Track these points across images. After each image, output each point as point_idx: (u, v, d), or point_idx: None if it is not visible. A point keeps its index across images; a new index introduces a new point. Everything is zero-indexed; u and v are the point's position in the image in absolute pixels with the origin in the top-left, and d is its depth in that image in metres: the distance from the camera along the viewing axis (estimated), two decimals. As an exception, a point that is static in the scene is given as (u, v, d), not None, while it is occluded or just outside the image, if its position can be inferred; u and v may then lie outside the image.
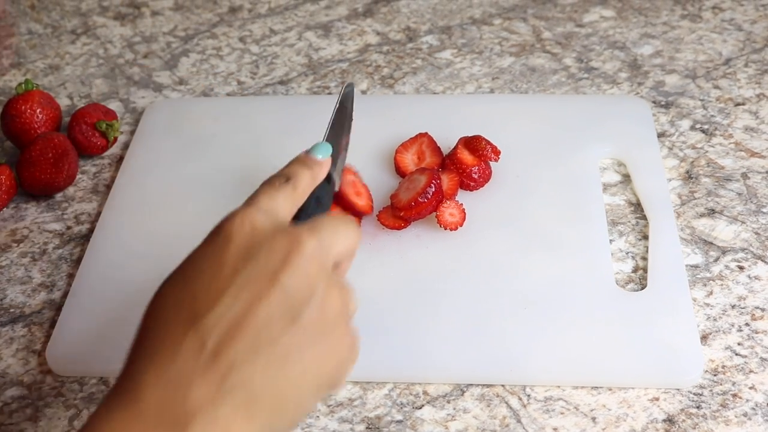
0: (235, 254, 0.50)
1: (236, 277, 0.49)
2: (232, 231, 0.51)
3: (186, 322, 0.48)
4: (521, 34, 1.06)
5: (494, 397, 0.69)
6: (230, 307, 0.48)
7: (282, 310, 0.48)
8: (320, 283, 0.50)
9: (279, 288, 0.48)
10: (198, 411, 0.46)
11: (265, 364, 0.48)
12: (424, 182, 0.79)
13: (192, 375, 0.46)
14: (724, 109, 0.93)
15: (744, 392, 0.69)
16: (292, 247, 0.50)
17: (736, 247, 0.79)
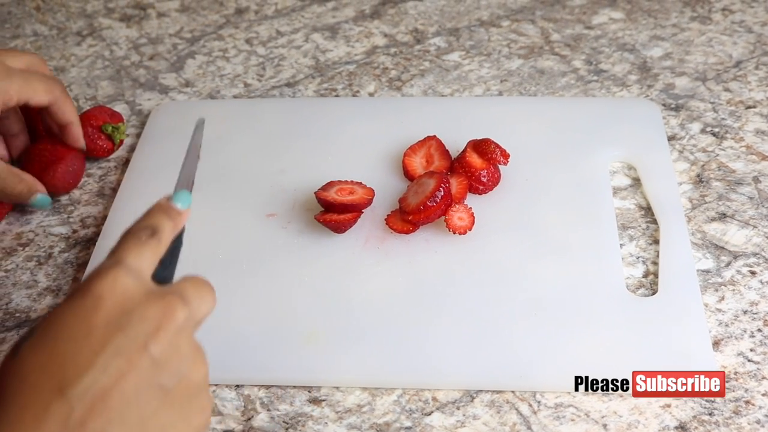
0: (105, 320, 0.48)
1: (107, 345, 0.47)
2: (102, 293, 0.48)
3: (53, 390, 0.46)
4: (530, 36, 1.06)
5: (504, 404, 0.69)
6: (99, 378, 0.46)
7: (151, 382, 0.48)
8: (188, 354, 0.50)
9: (149, 359, 0.48)
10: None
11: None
12: (432, 186, 0.78)
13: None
14: (735, 112, 0.92)
15: (757, 399, 0.68)
16: (164, 318, 0.49)
17: (748, 251, 0.78)
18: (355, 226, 0.80)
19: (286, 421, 0.69)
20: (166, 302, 0.50)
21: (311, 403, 0.70)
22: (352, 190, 0.81)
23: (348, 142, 0.90)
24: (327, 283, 0.77)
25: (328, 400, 0.70)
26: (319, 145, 0.90)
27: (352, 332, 0.73)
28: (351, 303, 0.75)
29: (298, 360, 0.72)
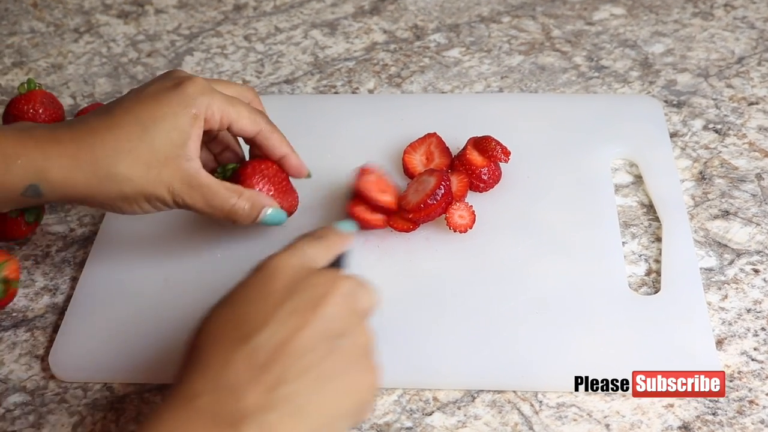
0: (280, 287, 0.56)
1: (283, 306, 0.55)
2: (278, 266, 0.57)
3: (237, 340, 0.53)
4: (530, 32, 1.05)
5: (506, 404, 0.68)
6: (278, 330, 0.53)
7: (323, 336, 0.54)
8: (354, 319, 0.57)
9: (321, 317, 0.55)
10: (249, 414, 0.51)
11: (309, 382, 0.53)
12: (433, 184, 0.77)
13: (244, 383, 0.52)
14: (738, 109, 0.92)
15: (761, 398, 0.67)
16: (331, 285, 0.56)
17: (751, 249, 0.78)
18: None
19: (286, 422, 0.68)
20: (332, 274, 0.58)
21: (311, 403, 0.69)
22: (384, 189, 0.79)
23: (347, 139, 0.89)
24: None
25: (327, 401, 0.69)
26: (318, 142, 0.89)
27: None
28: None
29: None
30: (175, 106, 0.70)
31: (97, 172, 0.68)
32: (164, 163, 0.69)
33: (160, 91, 0.71)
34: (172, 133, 0.70)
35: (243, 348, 0.53)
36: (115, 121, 0.70)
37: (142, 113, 0.70)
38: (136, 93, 0.72)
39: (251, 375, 0.52)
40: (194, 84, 0.71)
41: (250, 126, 0.74)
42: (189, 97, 0.70)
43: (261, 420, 0.51)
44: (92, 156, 0.68)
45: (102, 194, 0.70)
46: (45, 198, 0.69)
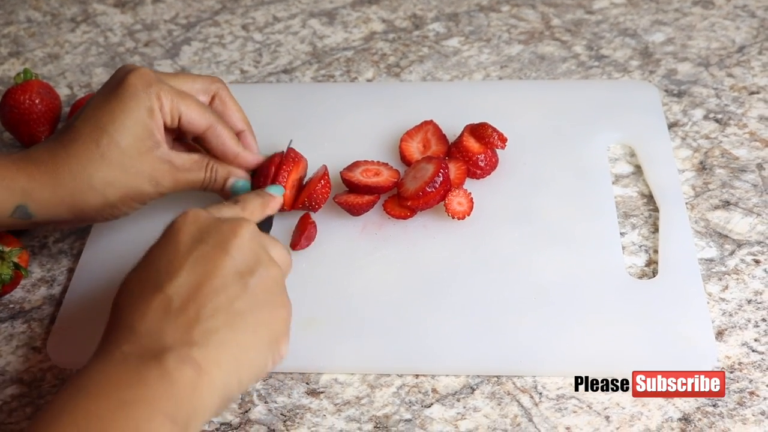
0: (187, 238, 0.59)
1: (192, 253, 0.58)
2: (182, 222, 0.60)
3: (152, 291, 0.57)
4: (530, 21, 1.04)
5: (505, 395, 0.68)
6: (190, 275, 0.57)
7: (233, 276, 0.58)
8: (262, 255, 0.60)
9: (229, 258, 0.58)
10: (172, 347, 0.54)
11: (225, 319, 0.56)
12: (431, 171, 0.77)
13: (163, 326, 0.55)
14: (738, 98, 0.91)
15: (761, 390, 0.67)
16: (237, 228, 0.59)
17: (752, 240, 0.77)
18: (352, 212, 0.80)
19: (284, 414, 0.68)
20: (236, 219, 0.61)
21: (309, 395, 0.69)
22: (378, 171, 0.80)
23: (345, 127, 0.89)
24: (324, 270, 0.76)
25: (326, 392, 0.69)
26: (315, 130, 0.89)
27: (350, 319, 0.72)
28: (349, 290, 0.75)
29: (296, 348, 0.70)
30: (128, 101, 0.71)
31: (79, 185, 0.71)
32: (138, 159, 0.71)
33: (110, 91, 0.72)
34: (135, 129, 0.71)
35: (158, 297, 0.56)
36: (79, 131, 0.71)
37: (100, 117, 0.71)
38: (93, 98, 0.73)
39: (168, 318, 0.55)
40: (138, 76, 0.72)
41: (198, 120, 0.74)
42: (135, 89, 0.71)
43: (182, 353, 0.54)
44: (69, 170, 0.70)
45: (89, 206, 0.72)
46: (36, 219, 0.71)
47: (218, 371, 0.55)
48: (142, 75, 0.72)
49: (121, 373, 0.53)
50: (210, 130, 0.75)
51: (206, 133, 0.75)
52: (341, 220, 0.80)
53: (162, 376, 0.53)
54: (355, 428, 0.67)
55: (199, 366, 0.54)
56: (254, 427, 0.67)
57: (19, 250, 0.77)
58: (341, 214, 0.80)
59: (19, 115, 0.89)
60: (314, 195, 0.78)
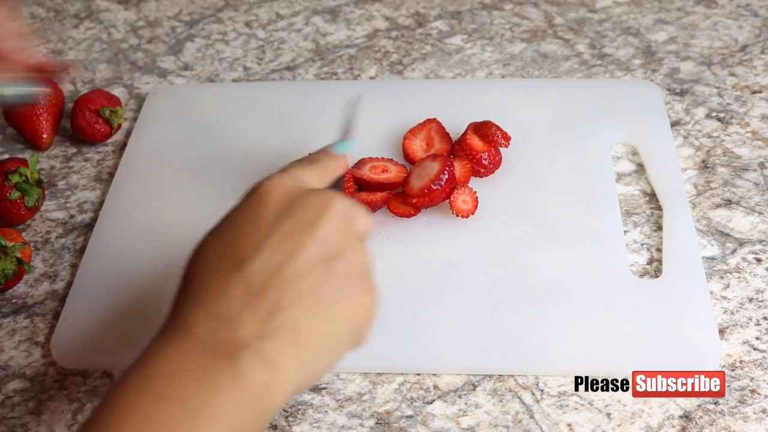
0: (273, 209, 0.54)
1: (276, 229, 0.53)
2: (268, 190, 0.55)
3: (231, 267, 0.52)
4: (533, 20, 1.04)
5: (507, 392, 0.68)
6: (272, 255, 0.52)
7: (318, 259, 0.53)
8: (350, 239, 0.55)
9: (315, 239, 0.53)
10: (246, 343, 0.50)
11: (307, 307, 0.52)
12: (437, 169, 0.77)
13: (240, 312, 0.51)
14: (741, 97, 0.91)
15: (762, 388, 0.67)
16: (326, 205, 0.54)
17: (754, 238, 0.77)
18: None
19: (286, 410, 0.68)
20: (327, 194, 0.55)
21: (311, 391, 0.69)
22: (386, 168, 0.81)
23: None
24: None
25: (328, 389, 0.69)
26: (318, 128, 0.89)
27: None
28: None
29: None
30: None
31: None
32: None
33: None
34: None
35: (237, 276, 0.52)
36: None
37: None
38: None
39: (246, 303, 0.51)
40: None
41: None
42: None
43: (257, 348, 0.50)
44: None
45: None
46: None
47: (293, 368, 0.51)
48: None
49: (191, 370, 0.50)
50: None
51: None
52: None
53: (234, 379, 0.49)
54: (356, 424, 0.67)
55: (273, 364, 0.50)
56: (256, 423, 0.67)
57: (21, 246, 0.77)
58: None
59: (22, 111, 0.89)
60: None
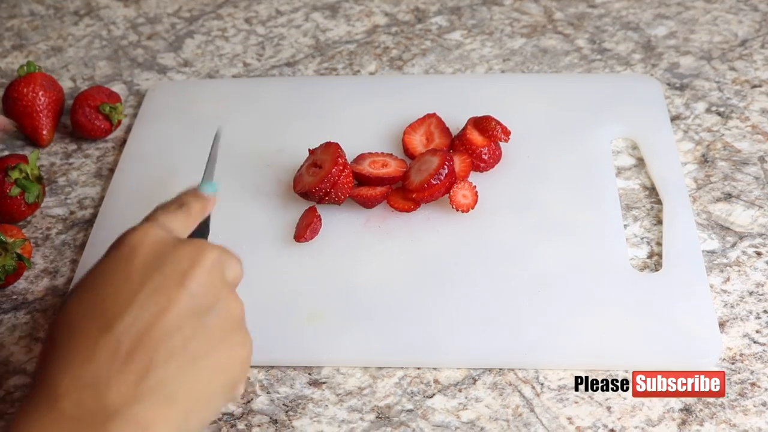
0: (142, 262, 0.52)
1: (146, 284, 0.51)
2: (136, 242, 0.53)
3: (99, 328, 0.50)
4: (532, 15, 1.04)
5: (507, 386, 0.68)
6: (141, 313, 0.50)
7: (190, 314, 0.51)
8: (222, 290, 0.54)
9: (187, 292, 0.51)
10: (116, 410, 0.48)
11: (179, 366, 0.50)
12: (436, 163, 0.77)
13: (108, 376, 0.48)
14: (741, 92, 0.91)
15: (763, 381, 0.67)
16: (197, 255, 0.53)
17: (754, 232, 0.77)
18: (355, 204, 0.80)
19: (286, 404, 0.68)
20: (196, 244, 0.54)
21: (311, 385, 0.69)
22: (386, 162, 0.80)
23: (347, 120, 0.89)
24: (328, 263, 0.76)
25: (328, 383, 0.69)
26: (318, 124, 0.89)
27: (353, 312, 0.72)
28: (352, 282, 0.75)
29: (299, 340, 0.71)
30: None
31: None
32: None
33: None
34: None
35: (105, 337, 0.49)
36: None
37: None
38: None
39: (116, 367, 0.49)
40: None
41: None
42: None
43: (128, 415, 0.48)
44: None
45: None
46: None
47: (167, 429, 0.50)
48: None
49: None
50: None
51: None
52: (344, 212, 0.80)
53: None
54: (357, 418, 0.67)
55: (147, 428, 0.48)
56: (257, 417, 0.67)
57: (22, 242, 0.77)
58: (344, 207, 0.80)
59: (22, 108, 0.89)
60: (339, 186, 0.77)
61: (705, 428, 0.65)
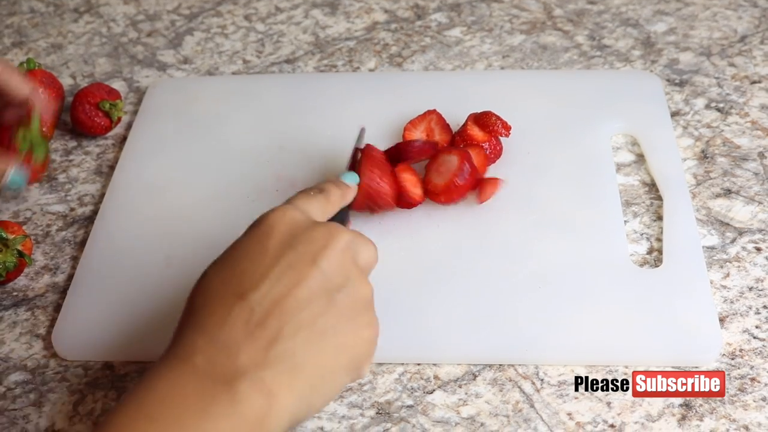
0: (277, 241, 0.55)
1: (280, 261, 0.54)
2: (274, 222, 0.57)
3: (234, 296, 0.53)
4: (532, 11, 1.04)
5: (507, 382, 0.68)
6: (275, 285, 0.53)
7: (320, 290, 0.54)
8: (353, 271, 0.56)
9: (318, 271, 0.54)
10: (245, 371, 0.51)
11: (307, 338, 0.53)
12: (457, 163, 0.77)
13: (240, 340, 0.52)
14: (740, 87, 0.91)
15: (762, 376, 0.67)
16: (330, 237, 0.56)
17: (753, 228, 0.78)
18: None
19: (287, 400, 0.68)
20: (330, 227, 0.57)
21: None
22: (416, 183, 0.79)
23: (348, 117, 0.89)
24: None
25: (328, 379, 0.69)
26: (318, 120, 0.89)
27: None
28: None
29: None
30: None
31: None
32: None
33: None
34: None
35: (239, 305, 0.53)
36: None
37: None
38: None
39: (247, 332, 0.52)
40: None
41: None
42: None
43: (256, 377, 0.51)
44: None
45: None
46: None
47: (290, 398, 0.52)
48: None
49: (189, 396, 0.50)
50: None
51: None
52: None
53: (232, 407, 0.50)
54: (357, 414, 0.67)
55: (270, 393, 0.51)
56: (257, 413, 0.67)
57: (22, 238, 0.77)
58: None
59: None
60: (381, 195, 0.76)
61: (705, 423, 0.65)
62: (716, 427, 0.64)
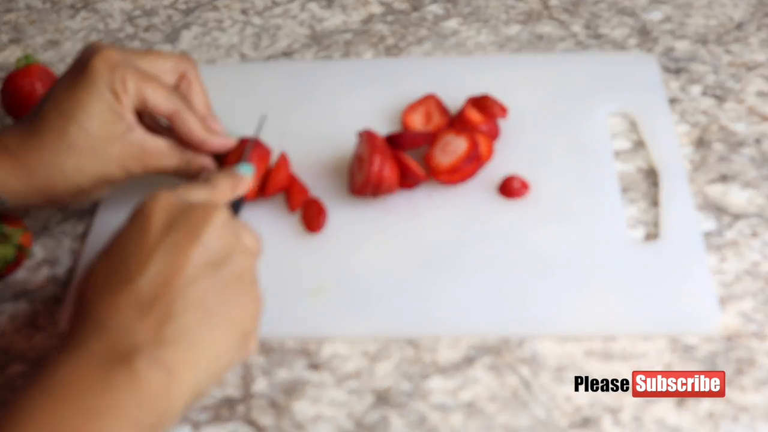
0: (158, 224, 0.56)
1: (162, 242, 0.56)
2: (152, 207, 0.57)
3: (121, 282, 0.55)
4: (528, 2, 1.04)
5: (505, 367, 0.68)
6: (160, 266, 0.55)
7: (205, 266, 0.56)
8: (236, 246, 0.58)
9: (201, 246, 0.56)
10: (141, 349, 0.53)
11: (198, 317, 0.55)
12: (466, 145, 0.78)
13: (132, 323, 0.53)
14: (736, 74, 0.91)
15: (759, 358, 0.67)
16: (209, 213, 0.57)
17: (750, 213, 0.78)
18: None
19: (286, 387, 0.68)
20: (207, 205, 0.58)
21: (310, 368, 0.69)
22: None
23: (347, 104, 0.89)
24: (330, 241, 0.77)
25: (327, 366, 0.69)
26: (316, 108, 0.89)
27: (354, 289, 0.73)
28: (353, 260, 0.76)
29: (300, 316, 0.72)
30: (92, 86, 0.69)
31: (51, 174, 0.70)
32: (108, 144, 0.70)
33: (74, 76, 0.71)
34: (103, 114, 0.70)
35: (127, 290, 0.54)
36: (47, 118, 0.70)
37: (67, 104, 0.70)
38: (59, 81, 0.72)
39: (139, 314, 0.53)
40: (103, 59, 0.70)
41: (163, 105, 0.72)
42: (100, 73, 0.69)
43: (153, 356, 0.53)
44: (41, 161, 0.70)
45: (61, 193, 0.71)
46: (8, 205, 0.71)
47: (189, 372, 0.54)
48: (106, 58, 0.70)
49: (89, 375, 0.52)
50: (175, 115, 0.73)
51: (172, 117, 0.73)
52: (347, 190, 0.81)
53: (131, 380, 0.52)
54: (355, 400, 0.67)
55: (169, 368, 0.53)
56: (256, 400, 0.68)
57: (22, 231, 0.77)
58: (346, 185, 0.81)
59: (20, 100, 0.89)
60: (384, 181, 0.77)
61: (703, 405, 0.65)
62: (714, 409, 0.65)
